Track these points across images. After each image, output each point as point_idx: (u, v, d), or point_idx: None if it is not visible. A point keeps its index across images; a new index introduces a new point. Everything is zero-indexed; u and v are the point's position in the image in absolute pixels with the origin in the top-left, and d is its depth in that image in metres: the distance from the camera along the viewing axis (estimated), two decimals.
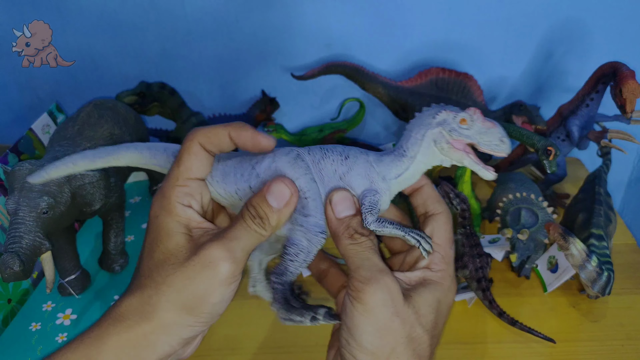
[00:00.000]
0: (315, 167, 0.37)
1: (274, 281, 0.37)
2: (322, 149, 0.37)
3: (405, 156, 0.36)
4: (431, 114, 0.35)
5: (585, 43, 0.86)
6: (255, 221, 0.34)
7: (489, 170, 0.35)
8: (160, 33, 0.84)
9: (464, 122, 0.34)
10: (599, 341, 0.61)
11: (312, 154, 0.37)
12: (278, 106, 0.91)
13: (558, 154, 0.59)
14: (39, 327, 0.59)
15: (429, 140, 0.35)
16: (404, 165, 0.36)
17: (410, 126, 0.37)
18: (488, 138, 0.34)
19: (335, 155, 0.37)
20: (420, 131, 0.36)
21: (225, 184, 0.37)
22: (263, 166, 0.36)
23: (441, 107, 0.35)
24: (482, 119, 0.34)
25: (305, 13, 0.83)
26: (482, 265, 0.63)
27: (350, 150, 0.37)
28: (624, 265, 0.71)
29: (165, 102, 0.76)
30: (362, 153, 0.37)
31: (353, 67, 0.84)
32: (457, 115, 0.34)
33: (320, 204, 0.36)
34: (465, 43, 0.86)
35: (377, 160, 0.37)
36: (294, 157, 0.36)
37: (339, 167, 0.37)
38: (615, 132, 0.75)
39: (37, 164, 0.53)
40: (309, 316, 0.38)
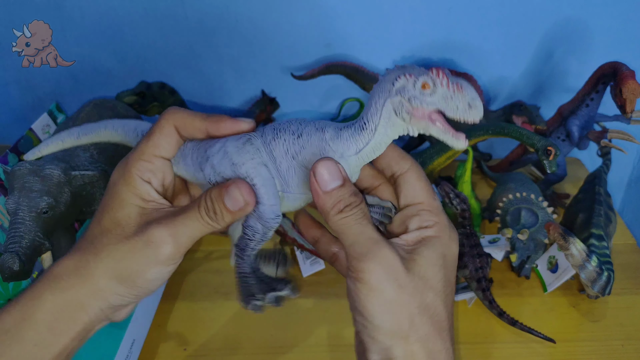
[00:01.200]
0: (266, 148, 0.34)
1: (237, 255, 0.37)
2: (274, 128, 0.35)
3: (365, 129, 0.33)
4: (390, 78, 0.32)
5: (586, 43, 0.86)
6: (209, 214, 0.34)
7: (459, 138, 0.31)
8: (160, 33, 0.84)
9: (426, 87, 0.31)
10: (599, 341, 0.61)
11: (265, 136, 0.35)
12: (278, 106, 0.91)
13: (558, 154, 0.59)
14: None
15: (389, 109, 0.32)
16: (364, 139, 0.33)
17: (372, 93, 0.33)
18: (455, 103, 0.30)
19: (287, 135, 0.34)
20: (379, 100, 0.32)
21: (185, 165, 0.37)
22: (214, 150, 0.35)
23: (401, 70, 0.32)
24: (446, 81, 0.30)
25: (305, 13, 0.83)
26: (482, 265, 0.63)
27: (305, 126, 0.34)
28: (624, 266, 0.71)
29: (165, 102, 0.76)
30: (318, 130, 0.34)
31: (353, 67, 0.84)
32: (418, 80, 0.30)
33: (272, 188, 0.34)
34: (465, 43, 0.86)
35: (334, 137, 0.33)
36: (244, 142, 0.35)
37: (291, 146, 0.34)
38: (615, 132, 0.75)
39: (36, 164, 0.53)
40: (272, 297, 0.36)
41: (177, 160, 0.37)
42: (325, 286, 0.69)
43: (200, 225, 0.34)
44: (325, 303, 0.66)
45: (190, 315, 0.66)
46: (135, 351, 0.58)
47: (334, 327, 0.63)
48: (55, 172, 0.53)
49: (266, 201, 0.34)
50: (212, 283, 0.70)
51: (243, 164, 0.34)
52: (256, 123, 0.89)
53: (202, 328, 0.64)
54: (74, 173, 0.54)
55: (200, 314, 0.66)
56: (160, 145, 0.35)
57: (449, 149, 0.64)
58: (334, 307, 0.66)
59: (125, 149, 0.39)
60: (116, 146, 0.63)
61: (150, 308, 0.64)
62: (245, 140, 0.35)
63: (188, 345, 0.62)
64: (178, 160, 0.37)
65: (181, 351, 0.61)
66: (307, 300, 0.67)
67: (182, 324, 0.64)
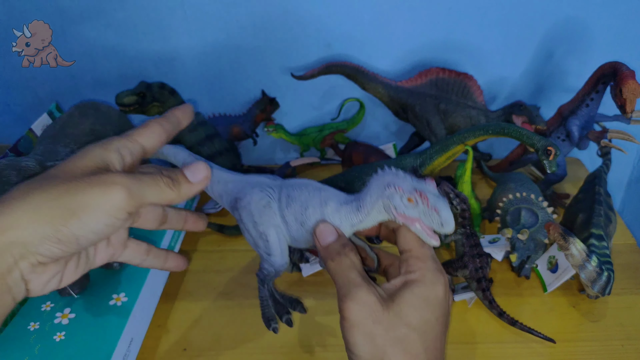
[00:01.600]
0: (280, 213, 0.45)
1: (259, 284, 0.50)
2: (288, 196, 0.44)
3: (360, 211, 0.41)
4: (385, 183, 0.39)
5: (586, 43, 0.86)
6: (165, 180, 0.35)
7: (432, 238, 0.39)
8: (160, 33, 0.84)
9: (410, 201, 0.38)
10: (599, 341, 0.61)
11: (280, 202, 0.45)
12: (278, 106, 0.91)
13: (558, 154, 0.59)
14: (37, 326, 0.59)
15: (380, 205, 0.40)
16: (359, 218, 0.41)
17: (371, 183, 0.41)
18: (430, 219, 0.38)
19: (297, 206, 0.43)
20: (374, 195, 0.40)
21: (220, 201, 0.50)
22: (242, 204, 0.46)
23: (394, 178, 0.39)
24: (427, 202, 0.38)
25: (305, 13, 0.83)
26: (482, 265, 0.63)
27: (312, 199, 0.43)
28: (624, 265, 0.71)
29: (165, 102, 0.76)
30: (322, 204, 0.42)
31: (353, 67, 0.84)
32: (404, 195, 0.38)
33: (282, 245, 0.46)
34: (465, 43, 0.86)
35: (335, 212, 0.42)
36: (264, 204, 0.45)
37: (299, 216, 0.43)
38: (615, 132, 0.75)
39: (15, 159, 0.54)
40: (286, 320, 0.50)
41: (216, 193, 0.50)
42: (325, 286, 0.69)
43: (156, 188, 0.34)
44: (326, 303, 0.66)
45: (190, 315, 0.66)
46: (133, 350, 0.58)
47: (334, 327, 0.63)
48: (30, 164, 0.54)
49: (277, 254, 0.46)
50: (212, 283, 0.70)
51: (262, 224, 0.45)
52: (256, 123, 0.90)
53: (202, 328, 0.64)
54: (50, 164, 0.55)
55: (199, 313, 0.66)
56: (144, 134, 0.37)
57: (449, 149, 0.64)
58: (334, 307, 0.66)
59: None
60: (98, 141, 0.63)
61: (149, 307, 0.64)
62: (265, 203, 0.45)
63: (187, 345, 0.62)
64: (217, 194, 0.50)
65: (181, 351, 0.61)
66: (307, 300, 0.67)
67: (182, 324, 0.64)
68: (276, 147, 1.01)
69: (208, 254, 0.76)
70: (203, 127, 0.77)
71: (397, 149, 0.93)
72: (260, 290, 0.50)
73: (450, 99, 0.82)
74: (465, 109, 0.81)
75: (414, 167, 0.67)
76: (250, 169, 0.95)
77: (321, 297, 0.68)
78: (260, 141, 0.93)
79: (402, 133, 0.97)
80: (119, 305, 0.59)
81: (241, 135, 0.89)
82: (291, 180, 0.46)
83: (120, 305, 0.59)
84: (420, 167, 0.67)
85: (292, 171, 0.87)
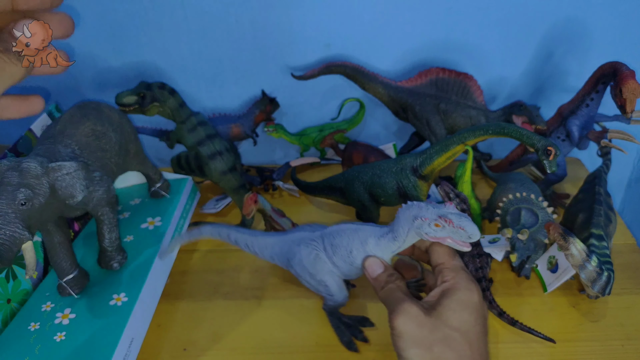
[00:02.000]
0: (330, 260, 0.54)
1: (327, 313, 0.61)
2: (332, 245, 0.53)
3: (397, 240, 0.49)
4: (411, 216, 0.47)
5: (585, 43, 0.86)
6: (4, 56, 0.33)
7: (464, 247, 0.45)
8: (160, 33, 0.84)
9: (437, 225, 0.45)
10: (599, 341, 0.61)
11: (327, 251, 0.54)
12: (278, 106, 0.91)
13: (558, 154, 0.59)
14: (38, 326, 0.59)
15: (412, 233, 0.47)
16: (397, 245, 0.50)
17: (398, 215, 0.49)
18: (458, 236, 0.45)
19: (342, 251, 0.52)
20: (405, 226, 0.48)
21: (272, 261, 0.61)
22: (295, 262, 0.56)
23: (418, 214, 0.46)
24: (452, 224, 0.45)
25: (305, 13, 0.83)
26: (482, 265, 0.63)
27: (353, 241, 0.52)
28: (624, 265, 0.71)
29: (165, 102, 0.76)
30: (363, 244, 0.51)
31: (353, 67, 0.84)
32: (431, 223, 0.45)
33: (339, 284, 0.56)
34: (465, 43, 0.86)
35: (375, 246, 0.50)
36: (314, 257, 0.54)
37: (347, 259, 0.52)
38: (615, 132, 0.75)
39: (16, 160, 0.54)
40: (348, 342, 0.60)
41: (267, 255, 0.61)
42: None
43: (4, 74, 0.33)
44: None
45: (190, 315, 0.66)
46: (133, 350, 0.58)
47: None
48: (32, 164, 0.54)
49: (337, 292, 0.56)
50: (212, 283, 0.70)
51: (317, 274, 0.55)
52: (256, 123, 0.90)
53: (202, 328, 0.64)
54: (51, 165, 0.55)
55: (200, 314, 0.66)
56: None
57: (449, 149, 0.64)
58: None
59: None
60: (99, 141, 0.63)
61: (150, 307, 0.63)
62: (314, 256, 0.54)
63: (188, 345, 0.62)
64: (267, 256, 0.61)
65: (181, 351, 0.61)
66: (308, 300, 0.67)
67: (182, 324, 0.64)
68: (276, 147, 1.01)
69: (208, 254, 0.76)
70: (203, 127, 0.77)
71: (397, 149, 0.93)
72: (331, 320, 0.60)
73: (450, 99, 0.82)
74: (465, 109, 0.81)
75: (413, 167, 0.67)
76: (251, 169, 0.95)
77: (320, 298, 0.68)
78: (260, 141, 0.93)
79: (402, 133, 0.97)
80: (120, 306, 0.59)
81: (241, 135, 0.89)
82: (329, 229, 0.55)
83: (121, 306, 0.59)
84: (420, 167, 0.67)
85: (292, 171, 0.87)
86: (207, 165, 0.77)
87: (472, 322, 0.44)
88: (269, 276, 0.72)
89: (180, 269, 0.73)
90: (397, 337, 0.43)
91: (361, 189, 0.72)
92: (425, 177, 0.68)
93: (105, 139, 0.64)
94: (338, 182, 0.77)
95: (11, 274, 0.64)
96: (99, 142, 0.64)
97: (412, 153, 0.70)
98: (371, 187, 0.71)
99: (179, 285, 0.70)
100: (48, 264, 0.69)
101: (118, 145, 0.66)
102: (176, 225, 0.74)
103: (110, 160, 0.65)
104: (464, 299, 0.44)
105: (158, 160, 0.99)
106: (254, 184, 0.89)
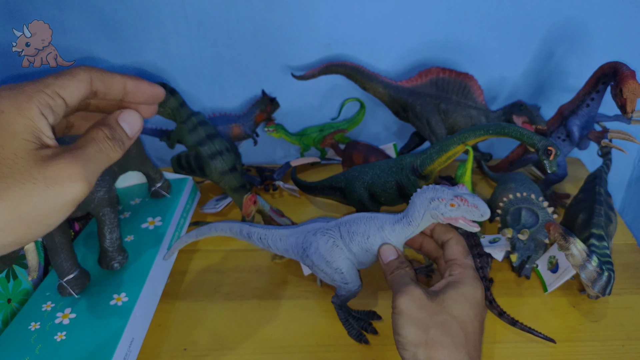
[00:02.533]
0: (346, 247, 0.55)
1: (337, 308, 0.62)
2: (349, 232, 0.55)
3: (411, 224, 0.52)
4: (428, 198, 0.49)
5: (586, 43, 0.86)
6: (108, 144, 0.32)
7: (474, 227, 0.48)
8: (161, 33, 0.84)
9: (453, 205, 0.48)
10: (600, 341, 0.61)
11: (343, 239, 0.55)
12: (278, 106, 0.91)
13: (558, 154, 0.59)
14: (38, 326, 0.59)
15: (428, 215, 0.50)
16: (411, 230, 0.52)
17: (414, 199, 0.51)
18: (472, 214, 0.48)
19: (359, 237, 0.54)
20: (421, 209, 0.50)
21: (288, 255, 0.61)
22: (311, 251, 0.57)
23: (435, 195, 0.49)
24: (466, 202, 0.48)
25: (305, 13, 0.83)
26: (483, 265, 0.63)
27: (370, 227, 0.54)
28: (625, 265, 0.71)
29: (166, 102, 0.76)
30: (379, 229, 0.53)
31: (353, 67, 0.84)
32: (447, 203, 0.48)
33: (354, 272, 0.57)
34: (465, 43, 0.86)
35: (391, 231, 0.53)
36: (331, 245, 0.55)
37: (363, 245, 0.54)
38: (616, 132, 0.75)
39: None
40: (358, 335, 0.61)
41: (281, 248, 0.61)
42: (326, 285, 0.69)
43: (105, 157, 0.32)
44: (325, 303, 0.67)
45: (190, 314, 0.66)
46: (134, 350, 0.58)
47: (334, 326, 0.63)
48: None
49: (352, 280, 0.57)
50: (212, 283, 0.70)
51: (334, 261, 0.56)
52: (257, 123, 0.90)
53: (202, 328, 0.64)
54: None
55: (200, 313, 0.66)
56: (68, 87, 0.32)
57: (449, 149, 0.64)
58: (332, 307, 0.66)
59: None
60: None
61: (150, 307, 0.64)
62: (332, 243, 0.55)
63: (188, 344, 0.62)
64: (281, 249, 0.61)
65: (181, 351, 0.61)
66: (307, 300, 0.67)
67: (182, 324, 0.64)
68: (276, 147, 1.01)
69: (208, 254, 0.76)
70: (203, 126, 0.77)
71: (397, 149, 0.93)
72: (339, 313, 0.61)
73: (451, 98, 0.82)
74: (465, 109, 0.81)
75: (413, 167, 0.68)
76: (251, 168, 0.95)
77: (321, 297, 0.68)
78: (260, 141, 0.93)
79: (403, 133, 0.97)
80: (120, 305, 0.59)
81: (241, 135, 0.89)
82: (344, 218, 0.56)
83: (121, 305, 0.59)
84: (421, 166, 0.67)
85: (292, 171, 0.87)
86: (208, 165, 0.77)
87: (471, 316, 0.45)
88: (269, 276, 0.72)
89: (181, 269, 0.73)
90: (397, 315, 0.45)
91: (361, 188, 0.72)
92: (425, 177, 0.68)
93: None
94: (338, 182, 0.77)
95: (12, 274, 0.64)
96: None
97: (412, 153, 0.70)
98: (371, 186, 0.71)
99: (180, 285, 0.70)
100: (48, 263, 0.70)
101: None
102: (176, 225, 0.74)
103: None
104: (467, 294, 0.46)
105: (158, 160, 0.99)
106: (254, 184, 0.89)
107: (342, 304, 0.61)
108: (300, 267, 0.72)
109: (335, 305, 0.61)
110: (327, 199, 0.82)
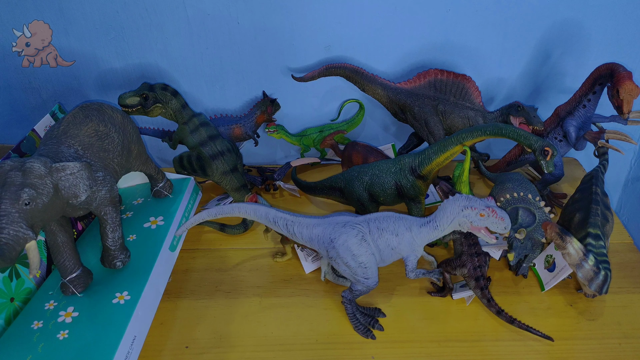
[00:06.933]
0: (374, 243, 0.58)
1: (346, 302, 0.63)
2: (378, 228, 0.58)
3: (437, 229, 0.57)
4: (461, 206, 0.55)
5: (583, 45, 0.87)
6: None
7: (492, 238, 0.55)
8: (163, 35, 0.85)
9: (482, 215, 0.53)
10: (596, 339, 0.62)
11: (372, 234, 0.58)
12: (279, 107, 0.91)
13: (555, 155, 0.60)
14: (41, 325, 0.59)
15: (456, 222, 0.55)
16: (436, 234, 0.57)
17: (445, 206, 0.56)
18: (496, 226, 0.53)
19: (388, 234, 0.58)
20: (451, 215, 0.55)
21: (310, 244, 0.63)
22: (339, 242, 0.59)
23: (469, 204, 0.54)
24: (495, 214, 0.53)
25: (305, 15, 0.84)
26: (481, 264, 0.64)
27: (399, 227, 0.58)
28: (621, 264, 0.72)
29: (168, 104, 0.76)
30: (407, 229, 0.58)
31: (352, 69, 0.85)
32: (478, 212, 0.54)
33: (376, 269, 0.59)
34: (463, 45, 0.87)
35: (418, 233, 0.58)
36: (359, 239, 0.58)
37: (391, 242, 0.58)
38: (612, 133, 0.76)
39: (19, 160, 0.54)
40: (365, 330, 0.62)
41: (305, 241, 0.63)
42: (326, 283, 0.70)
43: None
44: (327, 300, 0.67)
45: (192, 313, 0.66)
46: (136, 348, 0.58)
47: (334, 324, 0.64)
48: (35, 165, 0.54)
49: (372, 277, 0.59)
50: (213, 281, 0.71)
51: (361, 255, 0.58)
52: (258, 124, 0.90)
53: (204, 326, 0.64)
54: (55, 165, 0.55)
55: (201, 311, 0.66)
56: None
57: (447, 149, 0.65)
58: (335, 304, 0.67)
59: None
60: (102, 142, 0.64)
61: (152, 305, 0.64)
62: (360, 237, 0.58)
63: (189, 342, 0.62)
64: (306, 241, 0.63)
65: (183, 348, 0.61)
66: (307, 298, 0.68)
67: (184, 322, 0.65)
68: (277, 148, 1.01)
69: (210, 253, 0.76)
70: (205, 127, 0.78)
71: (396, 150, 0.94)
72: (347, 308, 0.63)
73: (449, 100, 0.83)
74: (463, 110, 0.82)
75: (412, 167, 0.68)
76: (252, 169, 0.96)
77: (320, 295, 0.68)
78: (261, 142, 0.94)
79: (401, 134, 0.98)
80: (122, 304, 0.60)
81: (243, 136, 0.90)
82: (373, 215, 0.60)
83: (123, 304, 0.60)
84: (419, 167, 0.67)
85: (292, 171, 0.88)
86: (209, 165, 0.77)
87: None
88: (270, 275, 0.72)
89: (182, 268, 0.73)
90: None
91: (361, 188, 0.73)
92: (423, 177, 0.68)
93: (108, 139, 0.65)
94: (338, 182, 0.77)
95: (14, 273, 0.64)
96: (102, 142, 0.64)
97: (410, 153, 0.71)
98: (370, 186, 0.72)
99: (181, 283, 0.71)
100: (51, 262, 0.70)
101: (121, 146, 0.67)
102: (178, 224, 0.74)
103: (113, 160, 0.65)
104: None
105: (160, 160, 0.99)
106: (255, 184, 0.90)
107: (353, 299, 0.62)
108: (301, 266, 0.72)
109: (345, 299, 0.62)
110: (327, 198, 0.82)
